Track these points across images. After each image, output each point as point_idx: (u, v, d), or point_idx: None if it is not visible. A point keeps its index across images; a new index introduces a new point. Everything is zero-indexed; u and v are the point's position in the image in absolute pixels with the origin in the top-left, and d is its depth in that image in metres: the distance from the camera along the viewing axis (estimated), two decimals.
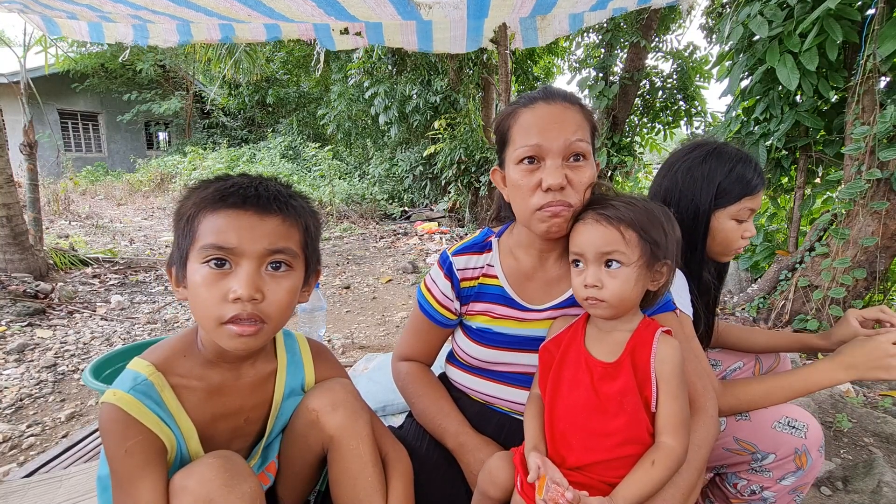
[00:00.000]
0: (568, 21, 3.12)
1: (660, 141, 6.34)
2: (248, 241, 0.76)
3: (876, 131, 2.50)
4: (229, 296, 0.74)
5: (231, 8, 2.61)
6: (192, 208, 0.78)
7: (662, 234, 0.86)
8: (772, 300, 3.16)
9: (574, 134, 0.90)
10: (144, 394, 0.77)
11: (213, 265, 0.75)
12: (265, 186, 0.80)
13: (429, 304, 1.11)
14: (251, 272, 0.76)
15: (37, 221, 3.94)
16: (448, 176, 7.78)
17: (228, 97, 14.27)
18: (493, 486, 0.93)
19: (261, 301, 0.76)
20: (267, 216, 0.78)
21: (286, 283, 0.80)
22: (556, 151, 0.90)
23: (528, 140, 0.92)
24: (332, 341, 2.97)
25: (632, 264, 0.85)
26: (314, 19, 2.92)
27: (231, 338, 0.76)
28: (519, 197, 0.95)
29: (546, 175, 0.90)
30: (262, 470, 0.96)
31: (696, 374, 0.95)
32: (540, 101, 0.94)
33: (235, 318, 0.75)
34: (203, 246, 0.75)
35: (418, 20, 3.00)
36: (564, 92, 0.97)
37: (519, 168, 0.93)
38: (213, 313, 0.75)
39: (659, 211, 0.88)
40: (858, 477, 1.62)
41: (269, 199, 0.79)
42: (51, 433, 1.96)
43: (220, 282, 0.75)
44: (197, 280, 0.76)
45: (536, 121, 0.92)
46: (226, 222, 0.76)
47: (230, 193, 0.77)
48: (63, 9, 2.67)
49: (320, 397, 0.93)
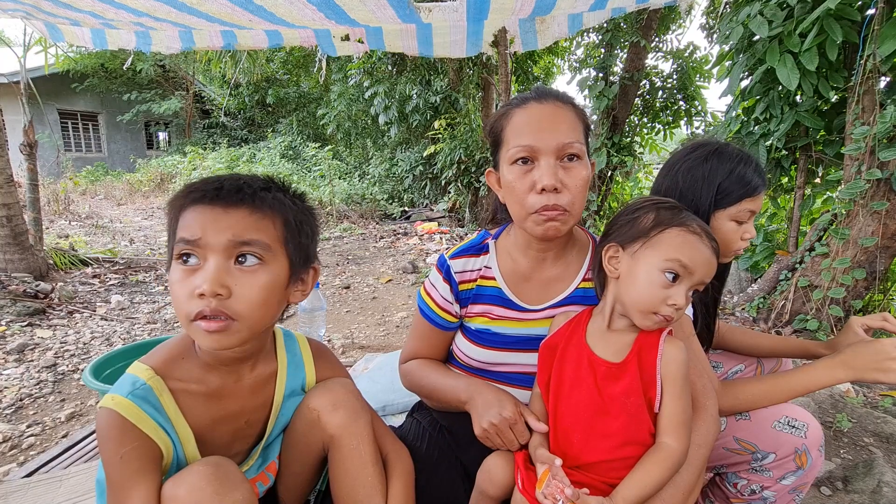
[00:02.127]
0: (567, 23, 3.12)
1: (660, 141, 6.33)
2: (211, 233, 0.74)
3: (876, 131, 2.50)
4: (195, 291, 0.73)
5: (232, 13, 2.60)
6: (172, 209, 0.79)
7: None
8: (772, 300, 3.16)
9: (567, 134, 0.90)
10: (143, 399, 0.76)
11: (182, 261, 0.75)
12: (234, 180, 0.79)
13: (429, 308, 1.11)
14: (216, 267, 0.73)
15: (37, 221, 3.94)
16: (448, 176, 7.78)
17: (228, 97, 14.28)
18: (492, 484, 0.93)
19: (227, 297, 0.74)
20: (231, 208, 0.76)
21: (258, 279, 0.77)
22: (550, 151, 0.89)
23: (520, 140, 0.91)
24: (332, 341, 2.97)
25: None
26: (315, 24, 2.91)
27: (202, 335, 0.75)
28: (514, 199, 0.94)
29: (540, 176, 0.89)
30: (263, 470, 0.96)
31: (696, 373, 0.95)
32: (532, 101, 0.94)
33: (200, 315, 0.73)
34: (176, 242, 0.76)
35: (418, 23, 2.99)
36: (557, 91, 0.96)
37: (513, 169, 0.93)
38: (183, 310, 0.74)
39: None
40: (858, 477, 1.62)
41: (234, 191, 0.77)
42: (51, 433, 1.96)
43: (189, 278, 0.74)
44: (173, 277, 0.76)
45: (529, 121, 0.92)
46: (192, 216, 0.76)
47: (197, 189, 0.78)
48: (66, 16, 2.67)
49: (321, 397, 0.92)
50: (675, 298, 0.81)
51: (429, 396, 1.14)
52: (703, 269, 0.82)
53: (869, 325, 1.15)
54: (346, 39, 3.18)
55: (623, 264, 0.87)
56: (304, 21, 2.83)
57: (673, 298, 0.81)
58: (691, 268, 0.81)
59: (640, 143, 6.35)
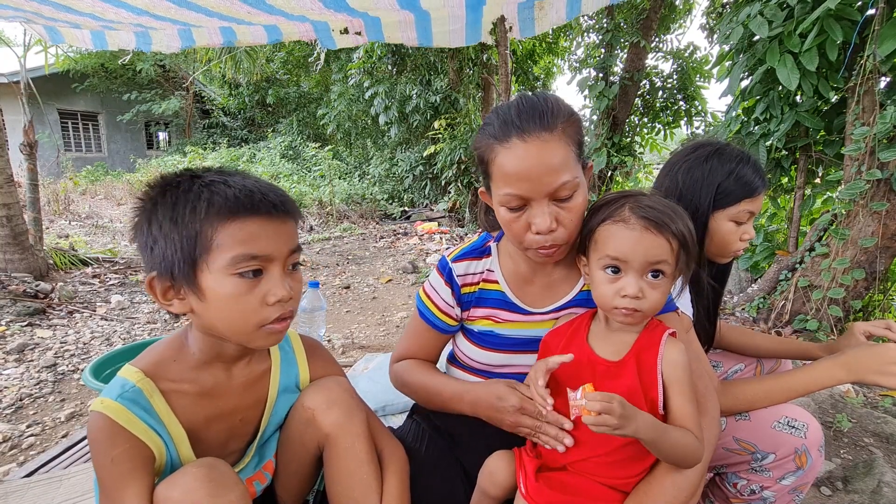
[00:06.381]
0: (565, 8, 3.02)
1: (660, 141, 6.33)
2: (276, 245, 0.78)
3: (876, 131, 2.50)
4: (268, 299, 0.77)
5: (231, 6, 2.59)
6: (198, 216, 0.74)
7: (693, 239, 0.84)
8: (772, 300, 3.16)
9: (558, 175, 0.83)
10: (132, 401, 0.77)
11: (248, 275, 0.75)
12: (272, 190, 0.81)
13: (429, 311, 1.09)
14: (283, 274, 0.79)
15: (37, 221, 3.94)
16: (448, 176, 7.78)
17: (228, 97, 14.28)
18: (493, 484, 0.93)
19: (293, 298, 0.81)
20: (286, 219, 0.80)
21: (300, 279, 0.85)
22: (542, 197, 0.85)
23: (508, 188, 0.86)
24: (332, 341, 2.97)
25: (671, 274, 0.83)
26: (313, 14, 2.87)
27: (267, 337, 0.80)
28: (509, 233, 0.93)
29: (534, 220, 0.86)
30: (259, 469, 0.96)
31: (697, 374, 0.94)
32: (515, 138, 0.84)
33: (278, 319, 0.79)
34: (234, 257, 0.74)
35: (416, 10, 2.94)
36: (541, 114, 0.84)
37: (504, 209, 0.90)
38: (252, 320, 0.77)
39: (683, 212, 0.86)
40: (858, 477, 1.62)
41: (283, 202, 0.80)
42: (51, 433, 1.96)
43: (254, 290, 0.76)
44: (228, 291, 0.75)
45: (515, 166, 0.84)
46: (256, 230, 0.76)
47: (249, 200, 0.75)
48: (66, 19, 2.67)
49: (316, 395, 0.93)
50: (626, 290, 0.81)
51: (424, 400, 1.13)
52: (638, 252, 0.80)
53: (871, 331, 1.15)
54: (344, 32, 3.15)
55: (589, 270, 0.90)
56: (302, 11, 2.79)
57: (625, 290, 0.81)
58: (622, 257, 0.81)
59: (641, 143, 6.35)
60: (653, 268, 0.81)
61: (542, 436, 0.89)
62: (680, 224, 0.82)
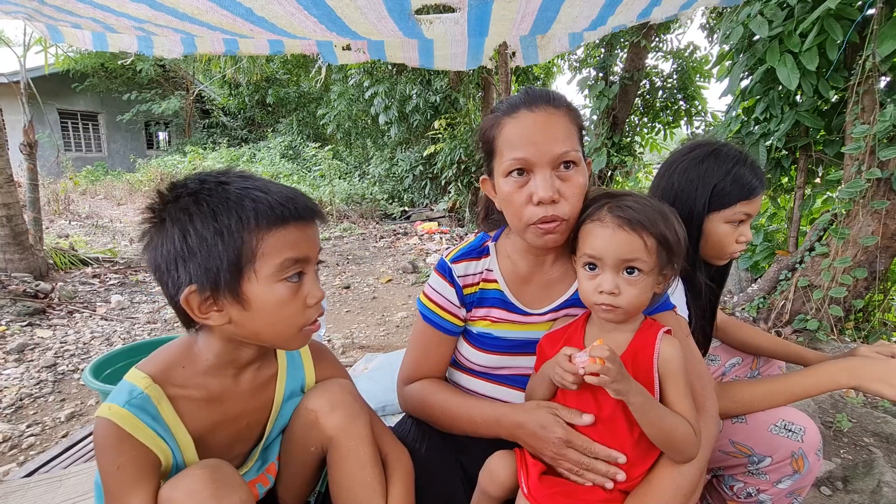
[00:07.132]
0: (568, 39, 3.17)
1: (660, 141, 6.33)
2: (312, 248, 0.82)
3: (876, 131, 2.50)
4: (309, 301, 0.80)
5: (234, 23, 2.61)
6: (246, 225, 0.74)
7: (677, 239, 0.85)
8: (772, 300, 3.16)
9: (562, 143, 0.87)
10: (140, 408, 0.76)
11: (293, 279, 0.79)
12: (302, 195, 0.84)
13: (434, 314, 1.08)
14: (316, 276, 0.84)
15: (37, 221, 3.95)
16: (448, 176, 7.78)
17: (228, 97, 14.28)
18: (494, 484, 0.93)
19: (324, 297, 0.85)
20: (317, 222, 0.85)
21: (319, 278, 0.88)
22: (545, 163, 0.87)
23: (514, 153, 0.88)
24: (332, 341, 2.98)
25: (650, 271, 0.83)
26: (316, 35, 2.91)
27: (305, 337, 0.84)
28: (511, 210, 0.93)
29: (536, 188, 0.87)
30: (262, 471, 0.95)
31: (694, 374, 0.94)
32: (522, 108, 0.89)
33: (316, 318, 0.83)
34: (282, 263, 0.76)
35: (420, 38, 2.99)
36: (547, 94, 0.92)
37: (508, 180, 0.91)
38: (297, 323, 0.80)
39: (670, 212, 0.87)
40: (858, 477, 1.62)
41: (315, 206, 0.84)
42: (51, 433, 1.96)
43: (298, 293, 0.80)
44: (276, 297, 0.77)
45: (521, 132, 0.88)
46: (298, 235, 0.79)
47: (293, 207, 0.79)
48: (67, 20, 2.68)
49: (319, 398, 0.92)
50: (603, 286, 0.84)
51: (448, 426, 1.06)
52: (611, 250, 0.83)
53: (879, 353, 1.11)
54: (347, 49, 3.21)
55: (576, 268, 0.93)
56: (306, 32, 2.84)
57: (601, 286, 0.84)
58: (597, 255, 0.84)
59: (641, 143, 6.35)
60: (627, 265, 0.83)
61: (589, 473, 0.85)
62: (661, 224, 0.83)
